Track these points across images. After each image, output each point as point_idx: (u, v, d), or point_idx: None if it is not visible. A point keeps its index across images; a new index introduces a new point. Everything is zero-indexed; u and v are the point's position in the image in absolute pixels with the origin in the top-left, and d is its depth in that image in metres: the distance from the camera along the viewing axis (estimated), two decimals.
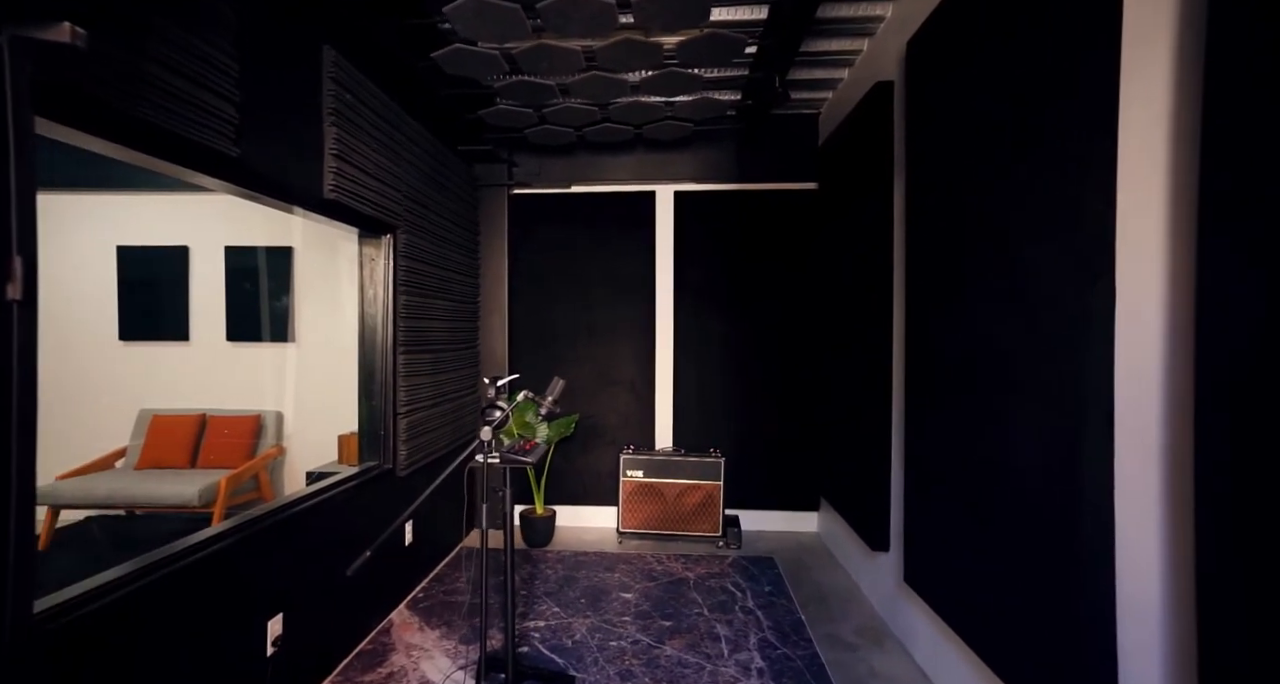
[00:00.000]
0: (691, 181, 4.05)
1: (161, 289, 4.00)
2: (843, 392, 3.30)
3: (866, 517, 2.83)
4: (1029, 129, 1.54)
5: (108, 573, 1.45)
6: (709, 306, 4.06)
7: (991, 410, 1.71)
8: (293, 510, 2.08)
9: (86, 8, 1.22)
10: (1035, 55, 1.52)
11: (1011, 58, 1.63)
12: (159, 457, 3.79)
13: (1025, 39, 1.56)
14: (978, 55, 1.80)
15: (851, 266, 3.14)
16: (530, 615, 2.77)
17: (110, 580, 1.42)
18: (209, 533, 1.76)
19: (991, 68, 1.73)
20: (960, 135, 1.92)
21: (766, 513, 4.02)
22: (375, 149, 2.48)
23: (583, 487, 4.13)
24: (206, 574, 1.67)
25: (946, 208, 2.02)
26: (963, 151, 1.90)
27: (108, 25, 1.27)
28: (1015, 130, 1.60)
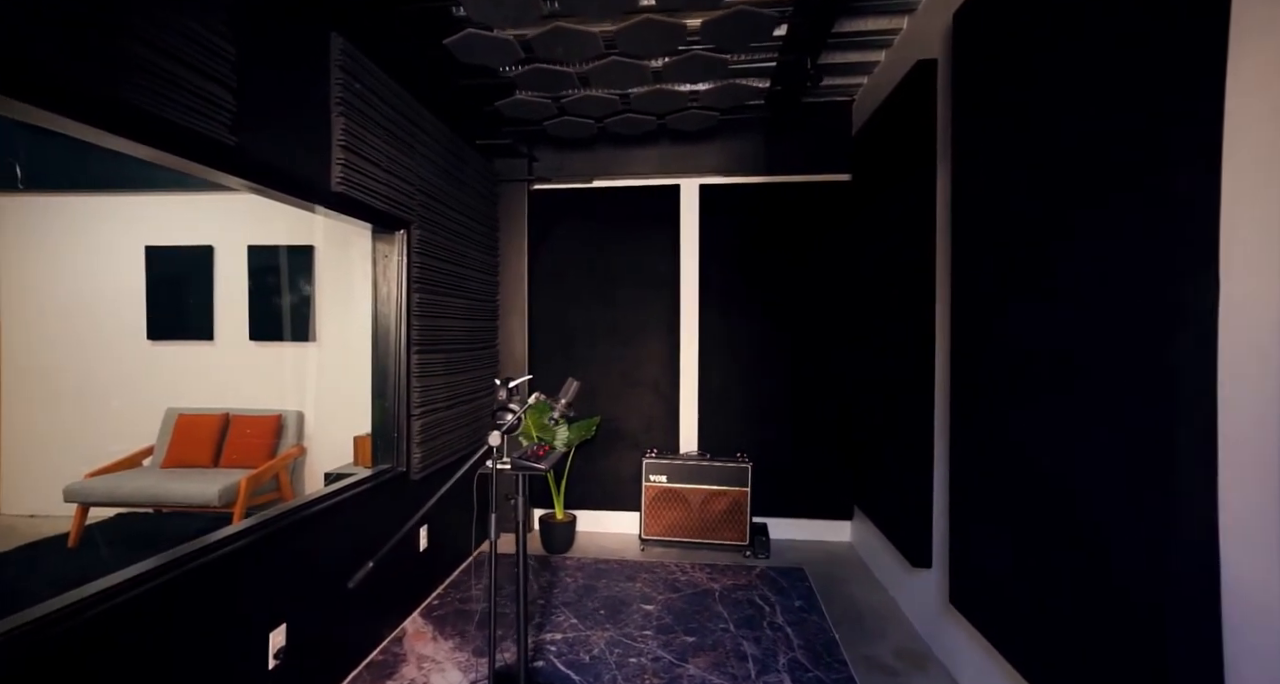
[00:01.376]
0: (717, 174, 3.89)
1: (187, 288, 4.02)
2: (879, 395, 3.10)
3: (905, 529, 2.63)
4: (1108, 106, 1.35)
5: (100, 581, 1.38)
6: (736, 304, 3.89)
7: (1058, 417, 1.52)
8: (300, 515, 2.00)
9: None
10: (1113, 15, 1.32)
11: (1083, 20, 1.43)
12: (184, 456, 3.80)
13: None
14: (1040, 22, 1.61)
15: (889, 261, 2.94)
16: (547, 627, 2.65)
17: (105, 588, 1.35)
18: (210, 540, 1.68)
19: (1057, 35, 1.53)
20: (1020, 115, 1.72)
21: (797, 521, 3.83)
22: (387, 141, 2.39)
23: (604, 491, 4.00)
24: (204, 584, 1.58)
25: (1002, 195, 1.82)
26: (1022, 133, 1.70)
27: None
28: (1090, 107, 1.41)
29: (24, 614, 1.21)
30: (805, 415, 3.81)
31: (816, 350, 3.80)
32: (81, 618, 1.27)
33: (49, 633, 1.21)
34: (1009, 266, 1.76)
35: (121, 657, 1.35)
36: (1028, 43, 1.67)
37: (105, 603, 1.32)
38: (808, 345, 3.81)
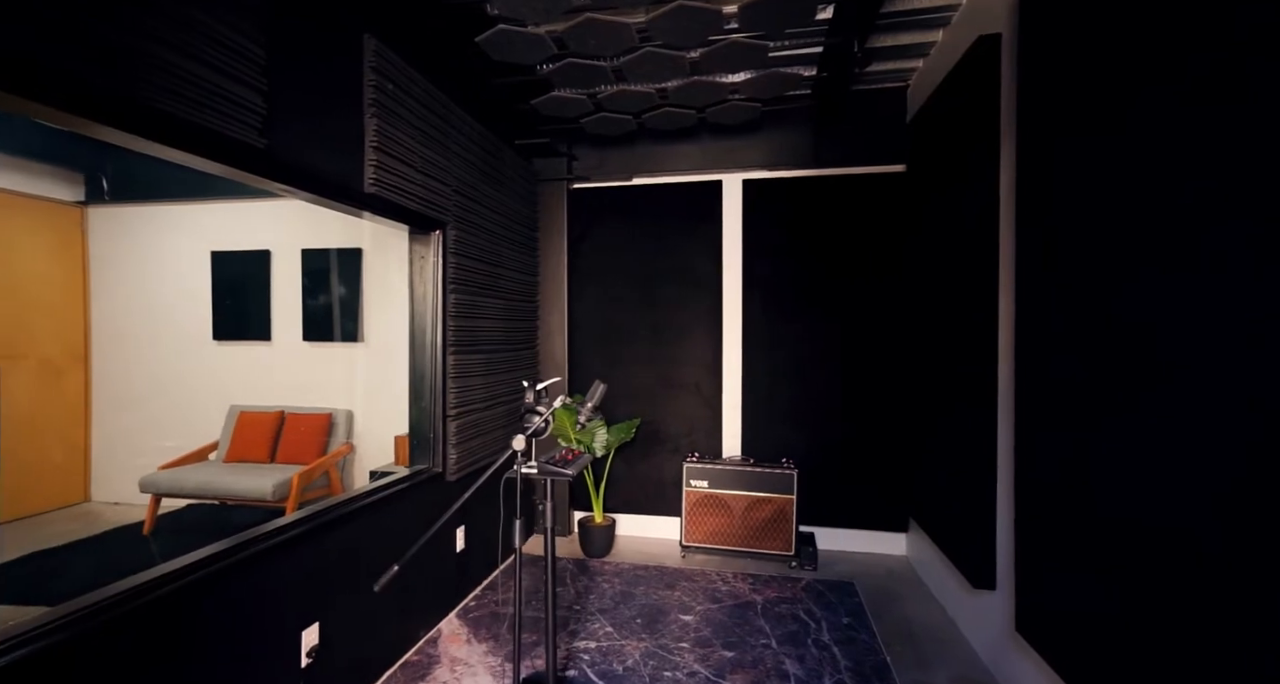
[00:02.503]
0: (761, 169, 3.74)
1: (247, 291, 4.21)
2: (936, 398, 2.88)
3: (965, 546, 2.42)
4: (1218, 68, 1.15)
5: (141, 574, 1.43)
6: (781, 304, 3.73)
7: (1151, 422, 1.32)
8: (333, 514, 2.01)
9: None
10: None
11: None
12: (244, 451, 3.98)
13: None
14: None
15: (947, 255, 2.73)
16: (581, 634, 2.60)
17: (147, 580, 1.40)
18: (246, 536, 1.71)
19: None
20: (1104, 88, 1.52)
21: (846, 532, 3.63)
22: (421, 141, 2.40)
23: (644, 495, 3.92)
24: (240, 578, 1.61)
25: (1079, 179, 1.62)
26: (1106, 109, 1.51)
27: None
28: (1197, 72, 1.22)
29: (98, 593, 1.33)
30: (856, 420, 3.61)
31: (869, 352, 3.59)
32: (137, 602, 1.34)
33: (116, 612, 1.30)
34: (1092, 256, 1.56)
35: (160, 641, 1.37)
36: (1108, 7, 1.47)
37: (146, 595, 1.35)
38: (859, 346, 3.61)
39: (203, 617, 1.50)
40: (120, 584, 1.38)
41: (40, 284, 4.19)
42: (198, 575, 1.49)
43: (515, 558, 1.75)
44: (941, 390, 2.80)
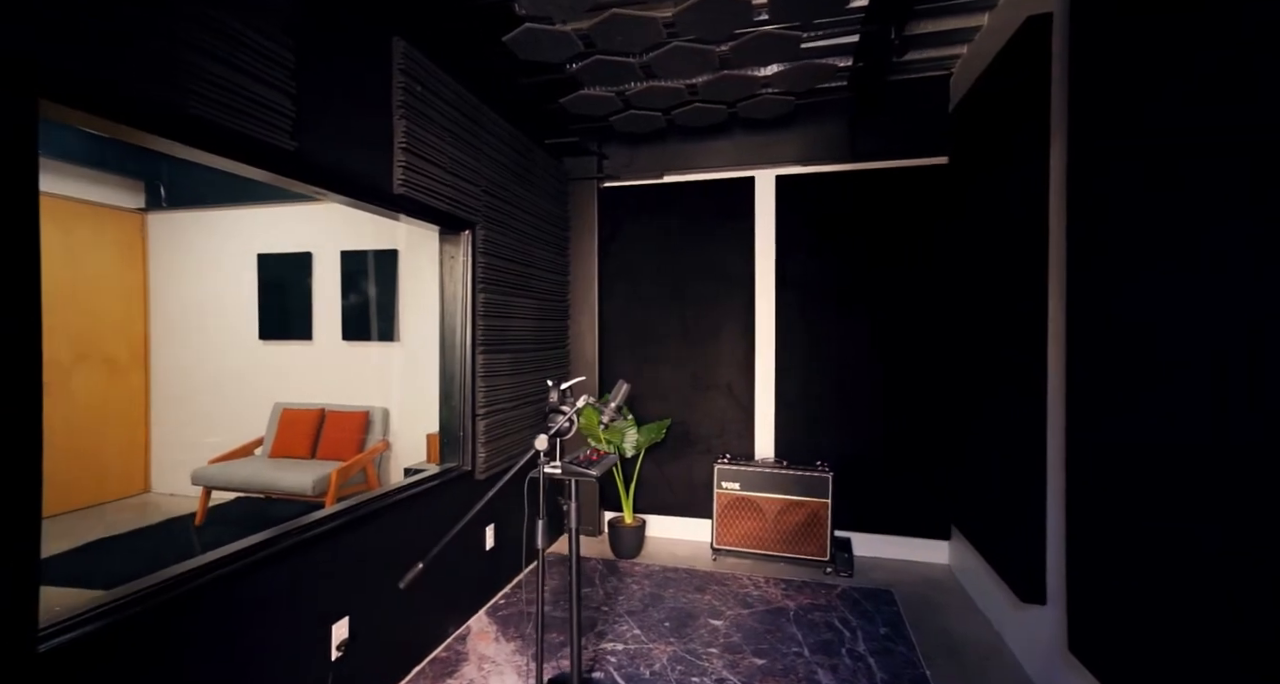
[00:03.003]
0: (795, 164, 3.64)
1: (290, 292, 4.36)
2: (979, 400, 2.74)
3: (1012, 556, 2.29)
4: None
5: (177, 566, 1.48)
6: (816, 303, 3.63)
7: (1220, 420, 1.21)
8: (363, 511, 2.05)
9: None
10: None
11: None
12: (287, 447, 4.12)
13: None
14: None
15: (993, 248, 2.59)
16: (609, 635, 2.57)
17: (184, 571, 1.45)
18: (277, 531, 1.75)
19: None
20: (1163, 63, 1.40)
21: (884, 538, 3.50)
22: (450, 142, 2.42)
23: (674, 496, 3.87)
24: (271, 573, 1.64)
25: (1139, 158, 1.50)
26: (1166, 85, 1.39)
27: (142, 6, 1.24)
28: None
29: (142, 581, 1.39)
30: (895, 422, 3.48)
31: (908, 352, 3.46)
32: (177, 591, 1.40)
33: (158, 599, 1.36)
34: (1160, 247, 1.44)
35: (197, 627, 1.42)
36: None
37: (186, 584, 1.39)
38: (898, 347, 3.47)
39: (238, 606, 1.54)
40: (162, 573, 1.43)
41: (106, 287, 4.44)
42: (234, 567, 1.53)
43: (539, 560, 1.74)
44: (985, 391, 2.66)
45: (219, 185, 4.48)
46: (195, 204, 4.55)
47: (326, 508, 2.00)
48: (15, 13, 1.05)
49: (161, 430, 4.69)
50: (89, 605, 1.28)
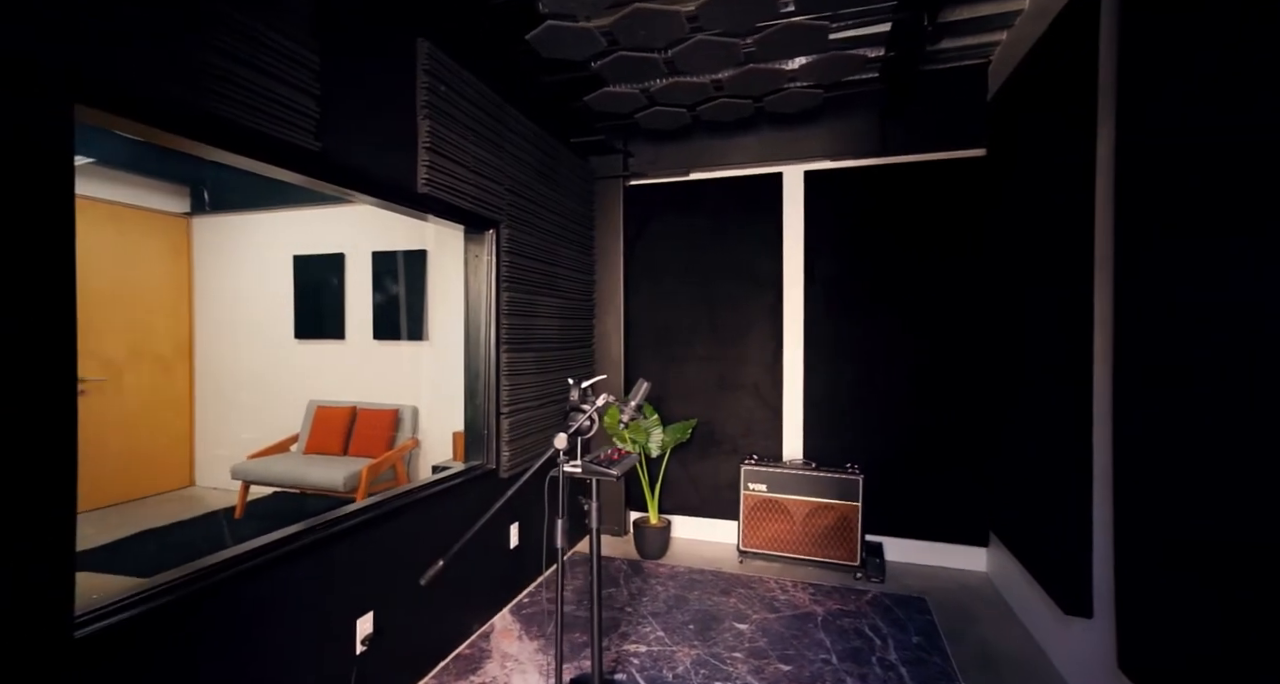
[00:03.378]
0: (824, 159, 3.56)
1: (324, 292, 4.47)
2: (1018, 399, 2.63)
3: (1054, 565, 2.18)
4: None
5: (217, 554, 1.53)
6: (846, 301, 3.54)
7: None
8: (392, 506, 2.07)
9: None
10: None
11: None
12: (321, 444, 4.22)
13: None
14: None
15: (1033, 240, 2.47)
16: (632, 636, 2.55)
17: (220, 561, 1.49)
18: (303, 526, 1.78)
19: None
20: (1224, 37, 1.31)
21: (918, 543, 3.39)
22: (473, 141, 2.43)
23: (700, 497, 3.83)
24: (298, 567, 1.67)
25: (1194, 141, 1.41)
26: (1226, 59, 1.29)
27: (170, 11, 1.27)
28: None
29: (177, 570, 1.44)
30: (929, 423, 3.36)
31: (942, 350, 3.34)
32: (209, 581, 1.44)
33: (190, 588, 1.40)
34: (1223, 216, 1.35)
35: (226, 616, 1.45)
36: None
37: (215, 575, 1.42)
38: (931, 344, 3.36)
39: (265, 598, 1.57)
40: (192, 565, 1.46)
41: (155, 288, 4.63)
42: (260, 560, 1.56)
43: (558, 559, 1.72)
44: (1024, 389, 2.54)
45: (257, 189, 4.63)
46: (235, 208, 4.71)
47: (354, 504, 2.03)
48: (52, 22, 1.08)
49: (204, 426, 4.86)
50: (124, 593, 1.32)
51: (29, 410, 1.07)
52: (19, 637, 1.05)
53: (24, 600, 1.06)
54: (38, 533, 1.09)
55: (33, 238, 1.07)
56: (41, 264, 1.09)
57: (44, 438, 1.09)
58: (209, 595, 1.43)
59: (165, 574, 1.42)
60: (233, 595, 1.49)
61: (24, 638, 1.06)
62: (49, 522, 1.10)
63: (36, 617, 1.08)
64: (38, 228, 1.08)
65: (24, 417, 1.06)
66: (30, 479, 1.07)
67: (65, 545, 1.14)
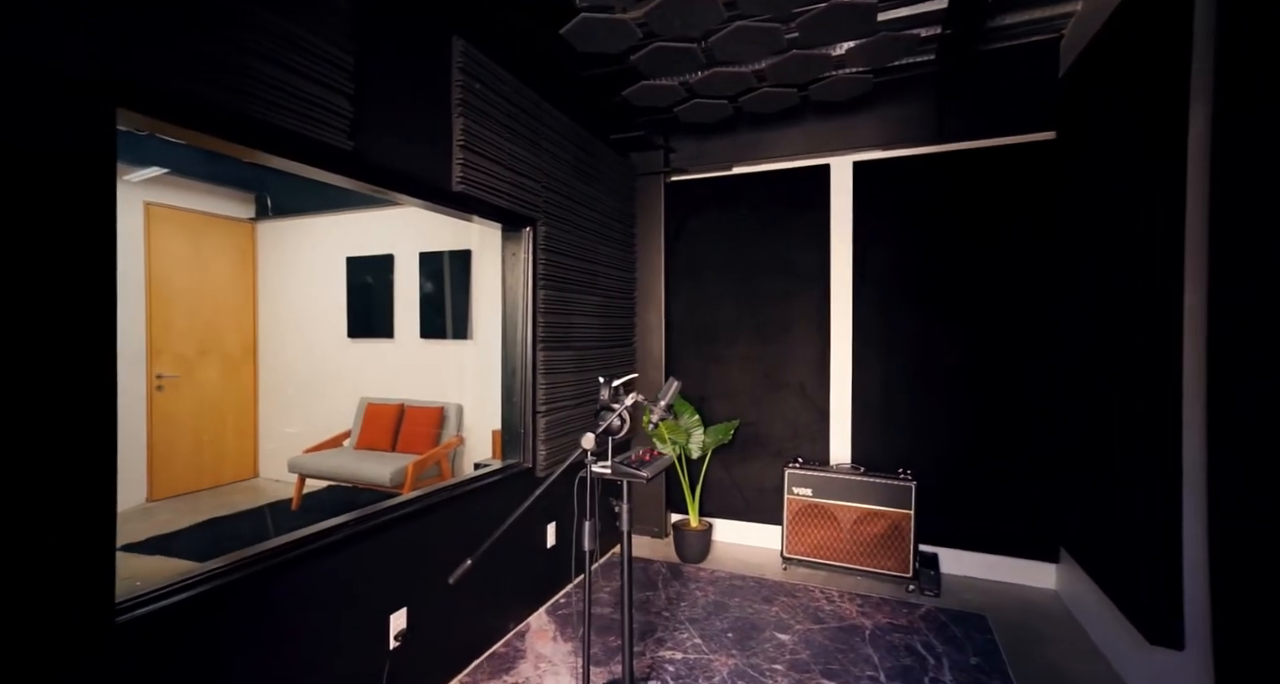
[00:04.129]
0: (875, 148, 3.38)
1: (374, 292, 4.62)
2: (1094, 401, 2.40)
3: (1138, 590, 1.97)
4: None
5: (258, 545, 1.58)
6: (898, 298, 3.35)
7: None
8: (426, 503, 2.09)
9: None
10: None
11: None
12: (371, 440, 4.35)
13: None
14: None
15: (1111, 227, 2.25)
16: (668, 642, 2.48)
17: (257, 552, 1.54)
18: (338, 521, 1.81)
19: None
20: None
21: (978, 556, 3.17)
22: (509, 139, 2.42)
23: (743, 500, 3.72)
24: (332, 562, 1.70)
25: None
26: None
27: (206, 15, 1.29)
28: None
29: (224, 558, 1.50)
30: (989, 428, 3.14)
31: (1003, 348, 3.11)
32: (252, 570, 1.48)
33: (236, 574, 1.44)
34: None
35: (267, 602, 1.48)
36: None
37: (255, 565, 1.46)
38: (994, 342, 3.13)
39: (301, 589, 1.60)
40: (232, 555, 1.50)
41: (226, 289, 4.90)
42: (296, 552, 1.59)
43: (586, 562, 1.68)
44: (1101, 391, 2.32)
45: (314, 193, 4.83)
46: (294, 212, 4.93)
47: (387, 501, 2.05)
48: (95, 30, 1.12)
49: (267, 421, 5.12)
50: (166, 581, 1.36)
51: (71, 409, 1.10)
52: (62, 621, 1.09)
53: (67, 587, 1.09)
54: (81, 525, 1.12)
55: (77, 236, 1.11)
56: (84, 261, 1.12)
57: (85, 433, 1.13)
58: (245, 585, 1.46)
59: (208, 563, 1.47)
60: (269, 585, 1.52)
61: (67, 622, 1.09)
62: (91, 514, 1.14)
63: (79, 603, 1.11)
64: (81, 225, 1.12)
65: (66, 415, 1.10)
66: (73, 472, 1.11)
67: (106, 538, 1.17)
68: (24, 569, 1.04)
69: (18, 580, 1.03)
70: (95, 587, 1.15)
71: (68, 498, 1.10)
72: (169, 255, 4.46)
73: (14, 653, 1.02)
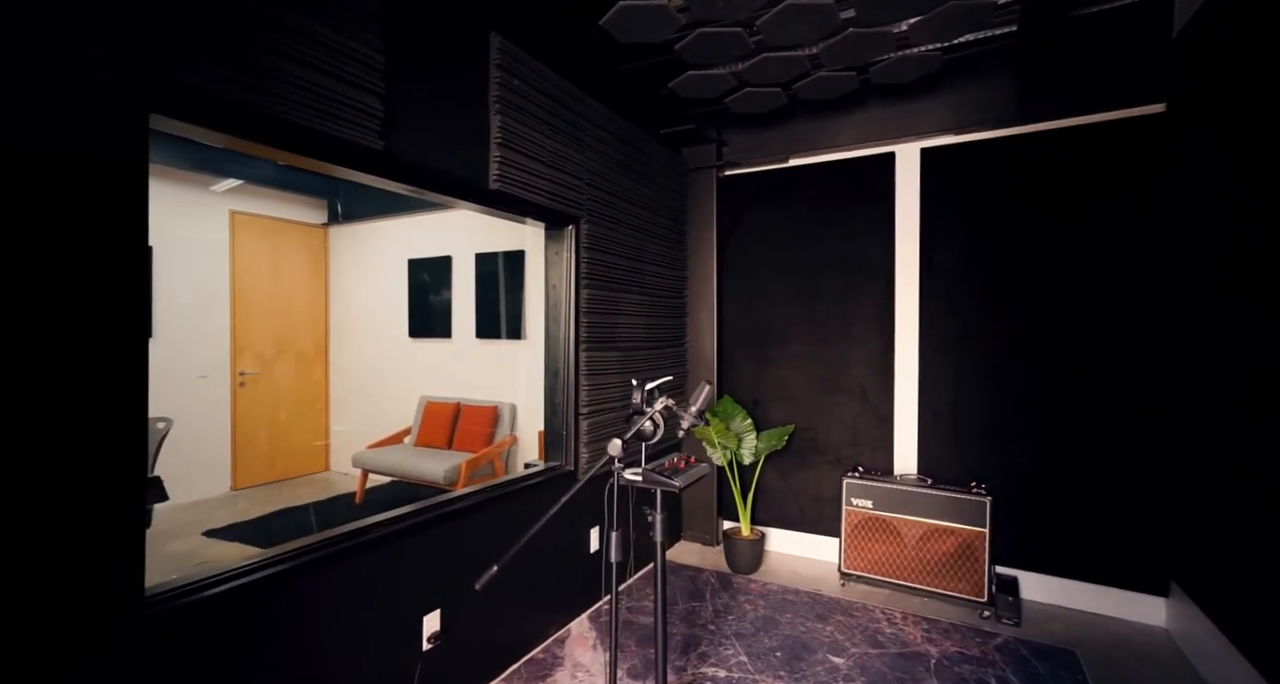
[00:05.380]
0: (945, 133, 3.11)
1: (433, 293, 4.75)
2: (1212, 418, 2.07)
3: (1272, 637, 1.67)
4: None
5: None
6: (970, 293, 3.06)
7: None
8: (466, 503, 2.08)
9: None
10: None
11: None
12: (429, 437, 4.47)
13: None
14: None
15: (1239, 214, 1.94)
16: (711, 658, 2.36)
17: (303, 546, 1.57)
18: (373, 520, 1.82)
19: None
20: None
21: (1066, 583, 2.84)
22: (549, 135, 2.38)
23: (799, 510, 3.52)
24: (365, 560, 1.70)
25: None
26: None
27: (235, 20, 1.31)
28: None
29: (278, 547, 1.57)
30: (1081, 437, 2.80)
31: (1100, 351, 2.77)
32: (296, 560, 1.49)
33: (282, 564, 1.43)
34: None
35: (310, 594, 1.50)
36: None
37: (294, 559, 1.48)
38: (1083, 343, 2.80)
39: (337, 585, 1.61)
40: (273, 550, 1.54)
41: (301, 291, 5.20)
42: (333, 550, 1.61)
43: (613, 575, 1.60)
44: (1220, 405, 2.00)
45: (378, 198, 5.02)
46: (361, 217, 5.16)
47: (429, 499, 2.05)
48: (127, 39, 1.14)
49: (336, 417, 5.38)
50: (242, 562, 1.44)
51: (103, 409, 1.13)
52: (92, 611, 1.12)
53: (96, 578, 1.12)
54: (110, 526, 1.15)
55: (114, 230, 1.14)
56: (118, 260, 1.15)
57: (117, 428, 1.16)
58: (282, 581, 1.48)
59: (268, 550, 1.53)
60: (304, 580, 1.54)
61: (98, 611, 1.12)
62: (119, 513, 1.16)
63: (109, 594, 1.14)
64: (117, 222, 1.14)
65: (98, 416, 1.13)
66: (101, 466, 1.13)
67: (135, 538, 1.20)
68: (52, 560, 1.07)
69: (48, 570, 1.06)
70: (120, 582, 1.16)
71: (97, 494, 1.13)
72: (251, 260, 4.77)
73: (43, 639, 1.06)
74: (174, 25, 1.21)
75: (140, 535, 1.20)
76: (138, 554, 1.19)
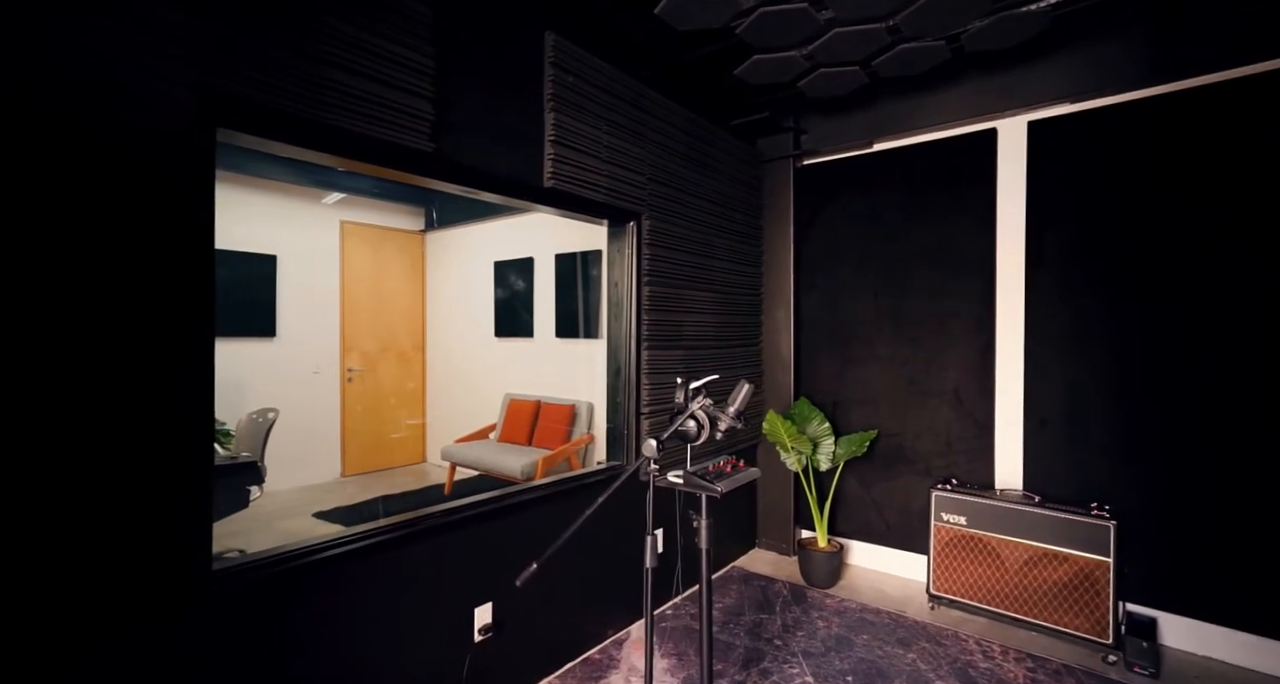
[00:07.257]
0: (1056, 102, 2.74)
1: (516, 294, 4.92)
2: None
3: None
4: None
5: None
6: (1088, 286, 2.67)
7: None
8: (525, 498, 2.11)
9: (263, 14, 1.35)
10: None
11: None
12: (511, 433, 4.63)
13: None
14: None
15: None
16: (773, 675, 2.22)
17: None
18: (437, 508, 1.88)
19: None
20: None
21: (1222, 631, 2.39)
22: (607, 131, 2.36)
23: (884, 522, 3.25)
24: (422, 550, 1.77)
25: None
26: None
27: (285, 31, 1.39)
28: None
29: (352, 529, 1.70)
30: (1234, 457, 2.34)
31: (1257, 349, 2.29)
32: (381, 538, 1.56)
33: (355, 543, 1.52)
34: None
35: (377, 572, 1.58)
36: None
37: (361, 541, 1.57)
38: (1236, 340, 2.33)
39: (395, 572, 1.69)
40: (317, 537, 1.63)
41: (400, 293, 5.61)
42: (391, 536, 1.69)
43: (645, 582, 1.54)
44: None
45: (469, 204, 5.28)
46: (453, 223, 5.47)
47: (482, 494, 2.09)
48: (194, 59, 1.25)
49: (432, 412, 5.74)
50: (330, 537, 1.57)
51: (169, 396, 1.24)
52: (160, 580, 1.23)
53: (164, 547, 1.24)
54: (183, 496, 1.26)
55: (187, 233, 1.25)
56: (188, 265, 1.26)
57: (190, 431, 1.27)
58: (338, 562, 1.56)
59: (347, 530, 1.65)
60: (360, 566, 1.62)
61: (165, 580, 1.24)
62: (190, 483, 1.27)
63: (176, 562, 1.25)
64: (190, 226, 1.25)
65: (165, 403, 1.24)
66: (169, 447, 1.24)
67: (203, 508, 1.30)
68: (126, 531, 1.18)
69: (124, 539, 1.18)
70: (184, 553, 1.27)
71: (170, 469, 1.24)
72: (358, 265, 5.20)
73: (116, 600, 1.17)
74: (238, 46, 1.31)
75: (206, 512, 1.31)
76: (205, 529, 1.30)
